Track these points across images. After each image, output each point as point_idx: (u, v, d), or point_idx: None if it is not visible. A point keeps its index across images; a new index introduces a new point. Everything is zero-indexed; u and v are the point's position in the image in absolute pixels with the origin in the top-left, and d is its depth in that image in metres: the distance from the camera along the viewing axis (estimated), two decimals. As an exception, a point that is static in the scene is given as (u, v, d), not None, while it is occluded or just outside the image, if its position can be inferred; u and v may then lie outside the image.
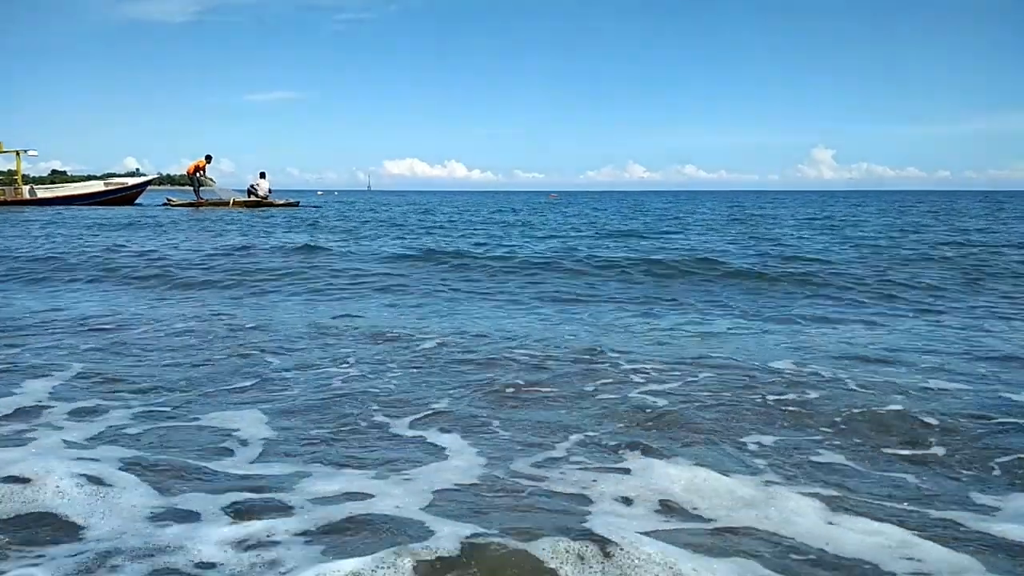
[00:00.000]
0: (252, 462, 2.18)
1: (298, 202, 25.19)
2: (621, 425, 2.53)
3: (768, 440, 2.38)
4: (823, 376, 3.15)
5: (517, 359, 3.48)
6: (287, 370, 3.29)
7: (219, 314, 4.82)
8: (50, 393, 2.87)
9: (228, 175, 27.65)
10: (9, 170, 27.18)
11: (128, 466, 2.08)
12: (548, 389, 2.97)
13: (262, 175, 23.68)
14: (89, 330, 4.20)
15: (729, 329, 4.37)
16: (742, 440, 2.38)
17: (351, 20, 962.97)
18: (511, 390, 2.95)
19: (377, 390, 2.95)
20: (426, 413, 2.66)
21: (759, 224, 16.45)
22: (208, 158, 24.06)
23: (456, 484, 2.00)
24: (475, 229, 14.27)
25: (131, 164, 37.12)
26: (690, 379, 3.10)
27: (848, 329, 4.38)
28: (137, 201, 28.90)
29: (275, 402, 2.79)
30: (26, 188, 26.56)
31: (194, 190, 24.25)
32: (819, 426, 2.53)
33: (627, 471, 2.10)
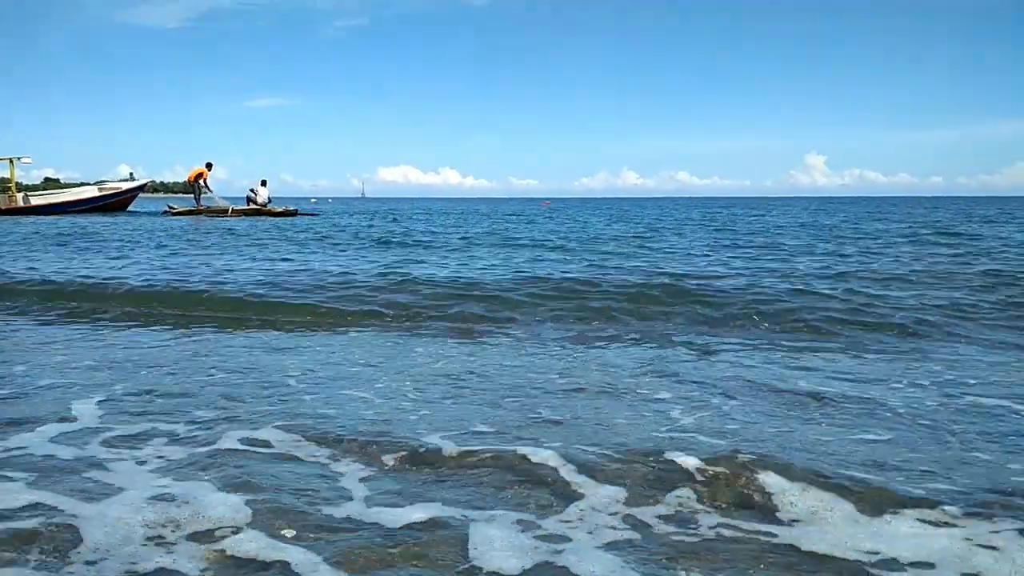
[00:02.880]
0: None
1: (296, 210, 24.93)
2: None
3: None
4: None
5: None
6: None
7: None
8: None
9: (222, 182, 27.45)
10: (2, 178, 26.80)
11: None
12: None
13: (263, 183, 23.41)
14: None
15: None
16: None
17: (345, 27, 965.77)
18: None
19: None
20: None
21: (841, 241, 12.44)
22: (209, 166, 23.92)
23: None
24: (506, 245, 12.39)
25: (124, 171, 36.94)
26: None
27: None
28: (133, 208, 28.66)
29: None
30: (20, 196, 26.22)
31: (195, 197, 24.08)
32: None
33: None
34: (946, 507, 1.96)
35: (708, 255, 9.71)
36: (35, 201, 26.47)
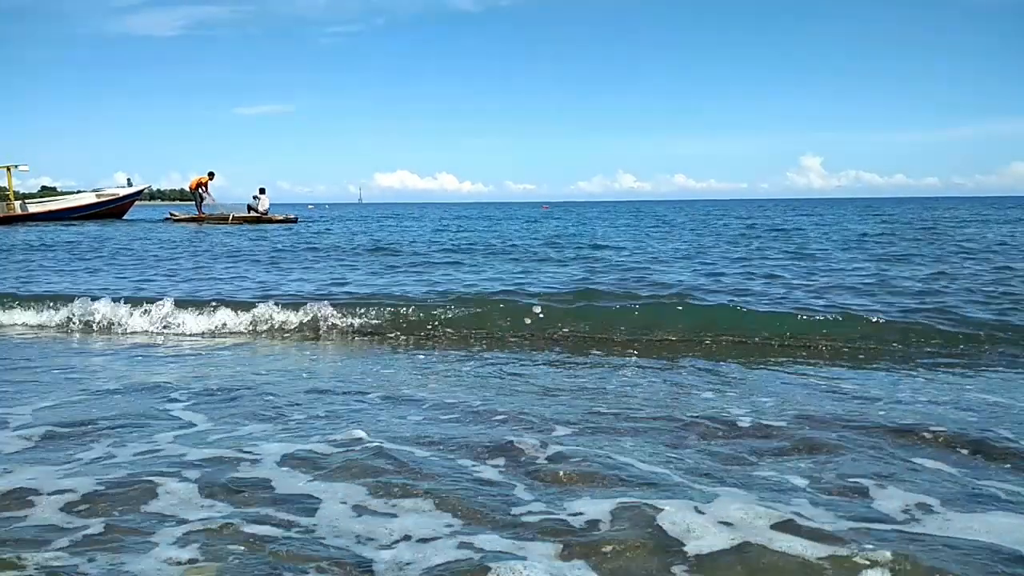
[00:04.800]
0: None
1: (296, 217, 24.87)
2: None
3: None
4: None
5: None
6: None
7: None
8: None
9: (217, 188, 26.97)
10: (0, 187, 26.66)
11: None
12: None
13: (262, 190, 23.37)
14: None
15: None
16: None
17: (339, 34, 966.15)
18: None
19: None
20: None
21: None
22: (211, 175, 23.92)
23: None
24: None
25: (121, 179, 36.32)
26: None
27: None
28: (130, 216, 28.53)
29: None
30: (18, 203, 26.07)
31: (196, 205, 24.11)
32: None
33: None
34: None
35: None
36: (33, 209, 26.35)
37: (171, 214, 25.33)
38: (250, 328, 5.49)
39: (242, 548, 1.87)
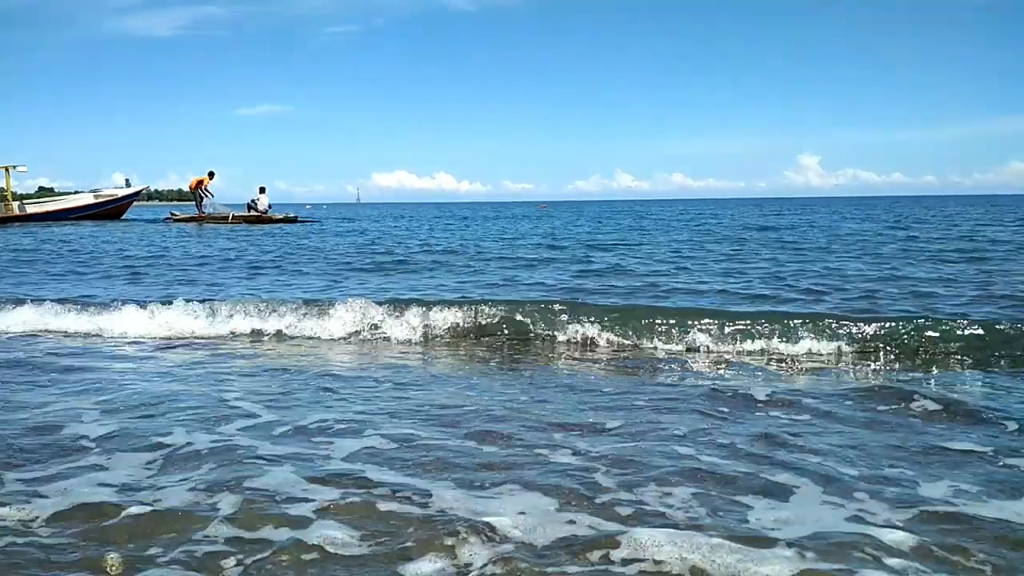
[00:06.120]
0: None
1: (296, 216, 24.95)
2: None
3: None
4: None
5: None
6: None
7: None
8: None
9: (215, 188, 27.10)
10: (-1, 187, 26.67)
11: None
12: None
13: (261, 190, 23.46)
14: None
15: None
16: None
17: (338, 33, 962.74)
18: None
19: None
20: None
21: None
22: (211, 174, 24.03)
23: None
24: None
25: (119, 179, 36.27)
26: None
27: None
28: (129, 216, 28.53)
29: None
30: (16, 204, 26.07)
31: (196, 204, 24.20)
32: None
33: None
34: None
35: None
36: (31, 209, 26.35)
37: (172, 214, 25.48)
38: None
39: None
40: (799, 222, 22.49)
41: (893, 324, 4.56)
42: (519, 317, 5.15)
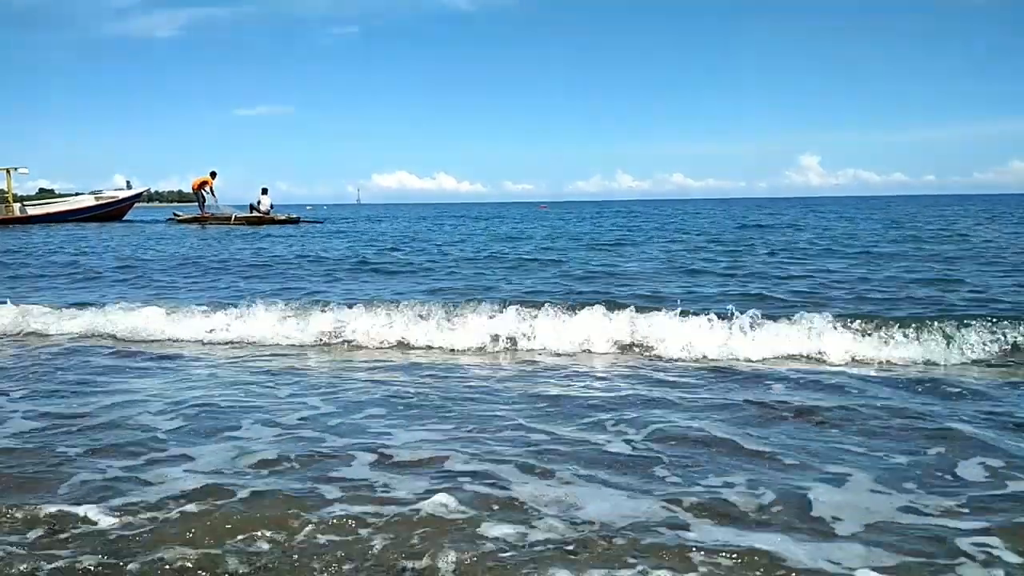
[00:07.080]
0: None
1: (299, 218, 24.82)
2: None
3: None
4: None
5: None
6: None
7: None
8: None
9: (216, 190, 27.01)
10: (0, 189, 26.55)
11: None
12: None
13: (264, 191, 23.37)
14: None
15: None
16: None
17: (338, 34, 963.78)
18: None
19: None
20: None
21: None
22: (213, 174, 23.93)
23: None
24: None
25: (120, 181, 36.15)
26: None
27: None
28: (129, 217, 28.42)
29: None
30: (17, 206, 25.97)
31: (199, 205, 24.12)
32: None
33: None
34: None
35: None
36: (32, 211, 26.25)
37: (175, 215, 25.58)
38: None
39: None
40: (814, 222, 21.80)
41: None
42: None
